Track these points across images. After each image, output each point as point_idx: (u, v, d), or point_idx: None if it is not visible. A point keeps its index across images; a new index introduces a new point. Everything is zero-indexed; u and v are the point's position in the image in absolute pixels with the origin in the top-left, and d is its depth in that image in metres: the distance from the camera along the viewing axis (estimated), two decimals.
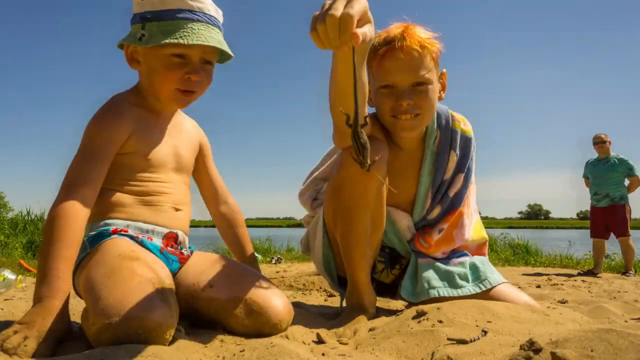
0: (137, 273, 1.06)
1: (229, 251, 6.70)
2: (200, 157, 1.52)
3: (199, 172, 1.54)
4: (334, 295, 2.53)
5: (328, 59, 1.09)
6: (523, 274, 4.50)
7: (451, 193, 1.56)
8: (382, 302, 2.12)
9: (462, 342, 1.02)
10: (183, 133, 1.43)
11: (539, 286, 3.26)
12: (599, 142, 5.18)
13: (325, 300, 2.34)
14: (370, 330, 1.30)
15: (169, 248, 1.32)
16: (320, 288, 3.10)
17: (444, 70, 1.47)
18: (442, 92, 1.49)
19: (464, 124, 1.58)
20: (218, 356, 1.05)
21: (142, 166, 1.27)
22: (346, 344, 1.19)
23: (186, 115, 1.52)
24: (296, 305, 1.69)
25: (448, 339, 1.05)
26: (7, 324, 1.08)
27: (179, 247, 1.36)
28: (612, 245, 5.35)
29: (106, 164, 1.20)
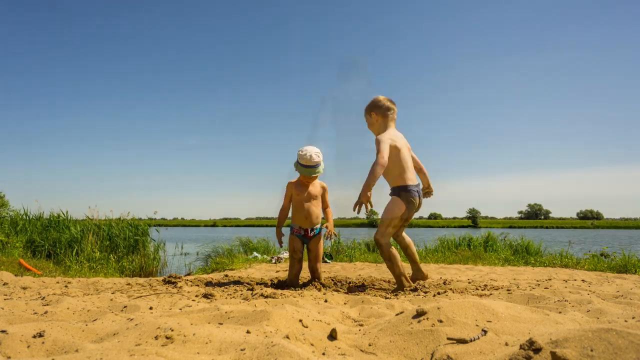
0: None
1: (230, 250, 6.68)
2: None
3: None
4: (332, 292, 2.53)
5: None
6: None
7: None
8: (383, 302, 2.12)
9: (462, 341, 1.02)
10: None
11: (538, 285, 3.26)
12: None
13: (324, 294, 2.35)
14: (371, 329, 1.30)
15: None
16: (323, 286, 3.11)
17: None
18: None
19: None
20: (219, 354, 1.05)
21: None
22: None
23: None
24: (297, 305, 1.70)
25: (448, 339, 1.05)
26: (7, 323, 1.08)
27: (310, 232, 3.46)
28: (611, 245, 5.34)
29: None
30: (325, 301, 2.30)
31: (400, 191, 2.96)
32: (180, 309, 1.87)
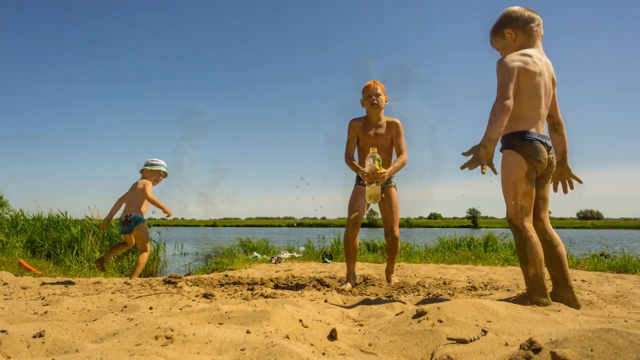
0: None
1: (230, 250, 6.70)
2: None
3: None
4: (332, 292, 2.53)
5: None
6: None
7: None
8: (383, 302, 2.12)
9: (462, 341, 1.02)
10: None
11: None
12: None
13: (324, 294, 2.35)
14: (371, 329, 1.30)
15: None
16: (327, 286, 3.11)
17: (387, 97, 3.33)
18: (385, 101, 3.32)
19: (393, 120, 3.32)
20: (219, 354, 1.05)
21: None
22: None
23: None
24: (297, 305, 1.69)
25: (448, 339, 1.05)
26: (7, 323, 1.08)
27: None
28: (614, 245, 5.34)
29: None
30: (325, 301, 2.30)
31: (515, 140, 2.02)
32: (180, 309, 1.87)
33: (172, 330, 1.17)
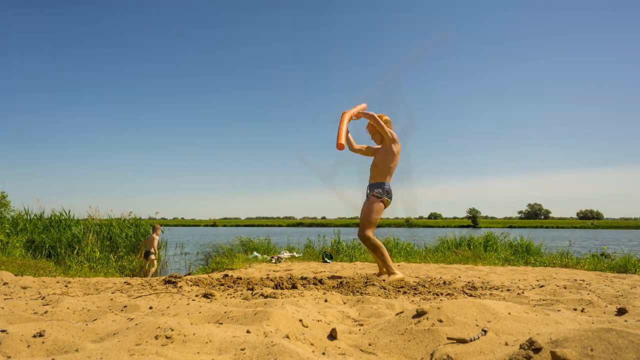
0: None
1: (229, 250, 6.69)
2: None
3: None
4: (332, 292, 2.53)
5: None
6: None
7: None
8: (383, 301, 2.12)
9: (462, 341, 1.02)
10: None
11: (542, 286, 3.27)
12: None
13: (324, 294, 2.35)
14: (371, 329, 1.30)
15: None
16: (321, 283, 3.11)
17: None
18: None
19: None
20: (219, 354, 1.05)
21: None
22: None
23: None
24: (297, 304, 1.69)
25: (448, 338, 1.05)
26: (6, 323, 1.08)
27: None
28: (612, 245, 5.34)
29: None
30: (325, 301, 2.30)
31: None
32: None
33: (172, 330, 1.17)
